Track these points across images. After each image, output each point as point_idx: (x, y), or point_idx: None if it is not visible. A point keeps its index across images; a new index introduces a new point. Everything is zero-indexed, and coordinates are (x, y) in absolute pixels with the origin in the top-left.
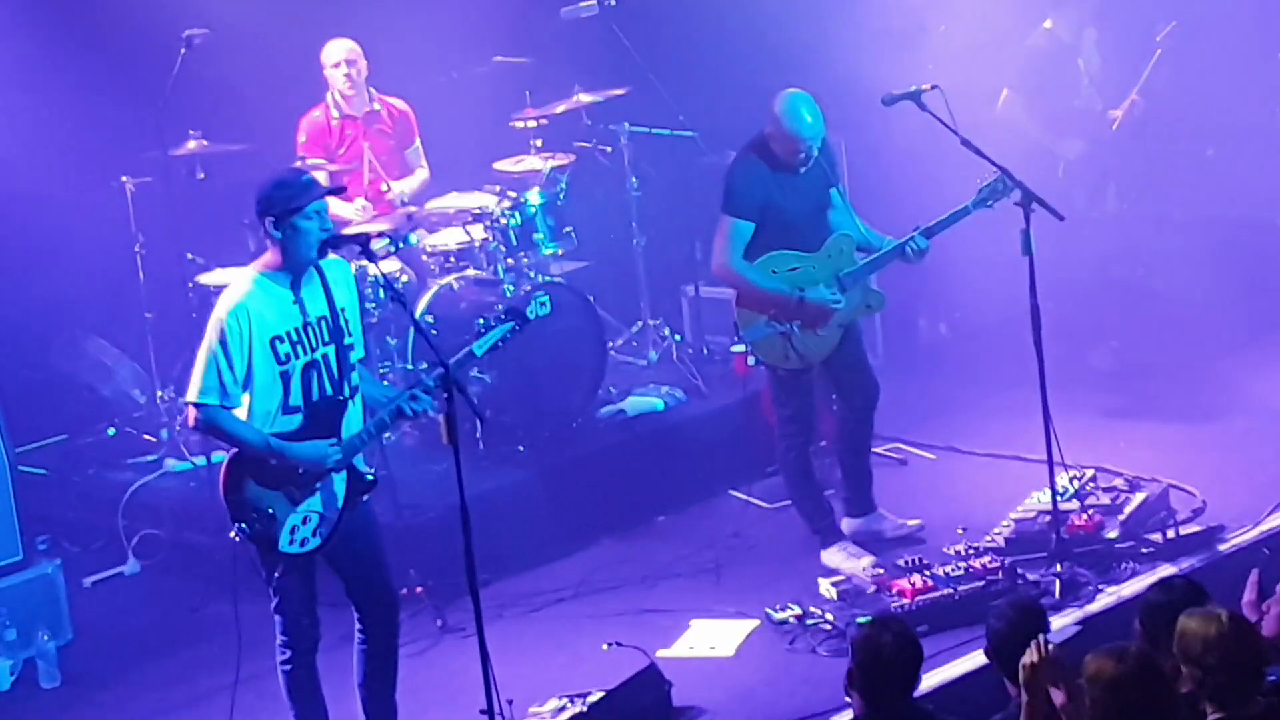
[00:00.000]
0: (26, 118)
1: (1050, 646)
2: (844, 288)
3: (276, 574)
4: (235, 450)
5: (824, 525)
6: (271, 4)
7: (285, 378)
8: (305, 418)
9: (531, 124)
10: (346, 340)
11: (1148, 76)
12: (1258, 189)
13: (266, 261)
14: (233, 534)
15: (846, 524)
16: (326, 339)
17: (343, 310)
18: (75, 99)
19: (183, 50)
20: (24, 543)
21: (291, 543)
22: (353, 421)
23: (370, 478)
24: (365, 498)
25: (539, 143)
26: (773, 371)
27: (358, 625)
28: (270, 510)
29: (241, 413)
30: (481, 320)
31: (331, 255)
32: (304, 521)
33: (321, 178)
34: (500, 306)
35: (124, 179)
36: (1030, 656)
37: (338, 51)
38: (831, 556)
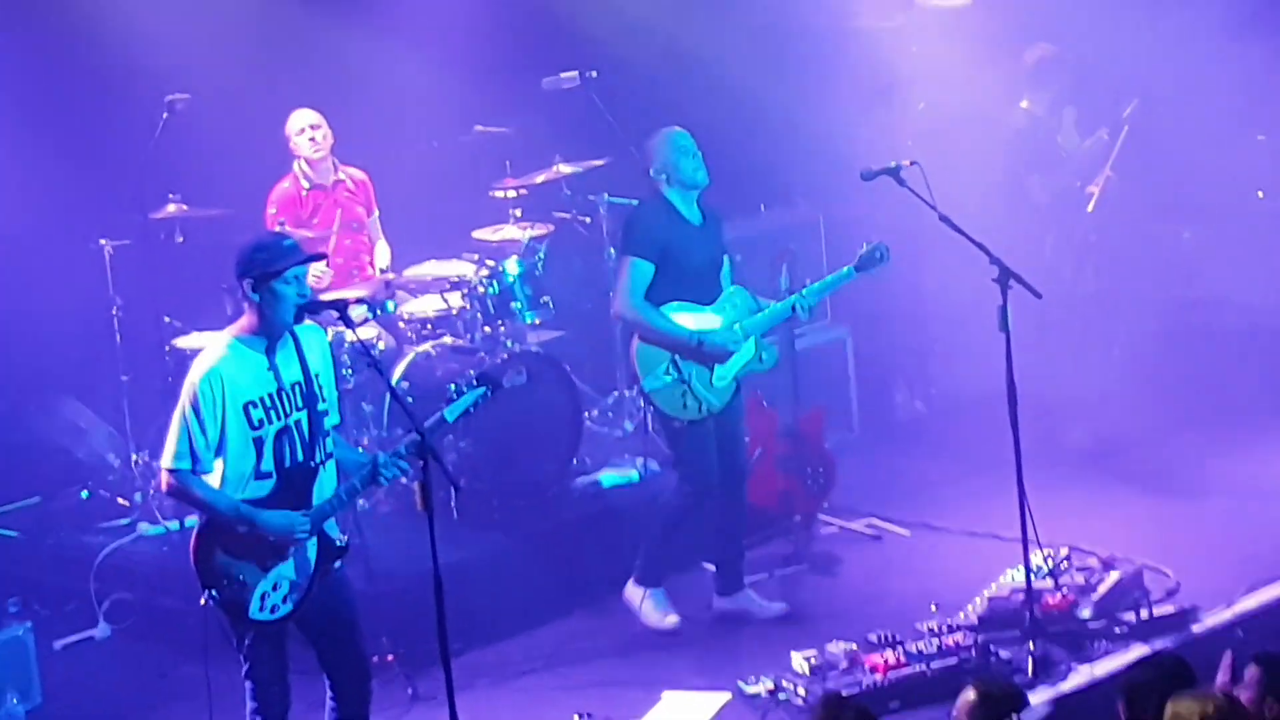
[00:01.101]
0: (6, 178)
1: None
2: (741, 337)
3: (247, 641)
4: (206, 517)
5: (652, 568)
6: (253, 71)
7: (258, 443)
8: (277, 483)
9: (511, 194)
10: (320, 406)
11: (1117, 154)
12: (1234, 271)
13: (242, 326)
14: (203, 600)
15: (716, 602)
16: (300, 405)
17: (317, 376)
18: (55, 161)
19: (164, 115)
20: None
21: (262, 609)
22: (325, 487)
23: (342, 544)
24: (337, 564)
25: (518, 212)
26: (668, 425)
27: (329, 693)
28: (240, 577)
29: (215, 478)
30: (454, 386)
31: (307, 321)
32: (274, 588)
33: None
34: (472, 372)
35: (103, 241)
36: None
37: (301, 119)
38: (635, 593)
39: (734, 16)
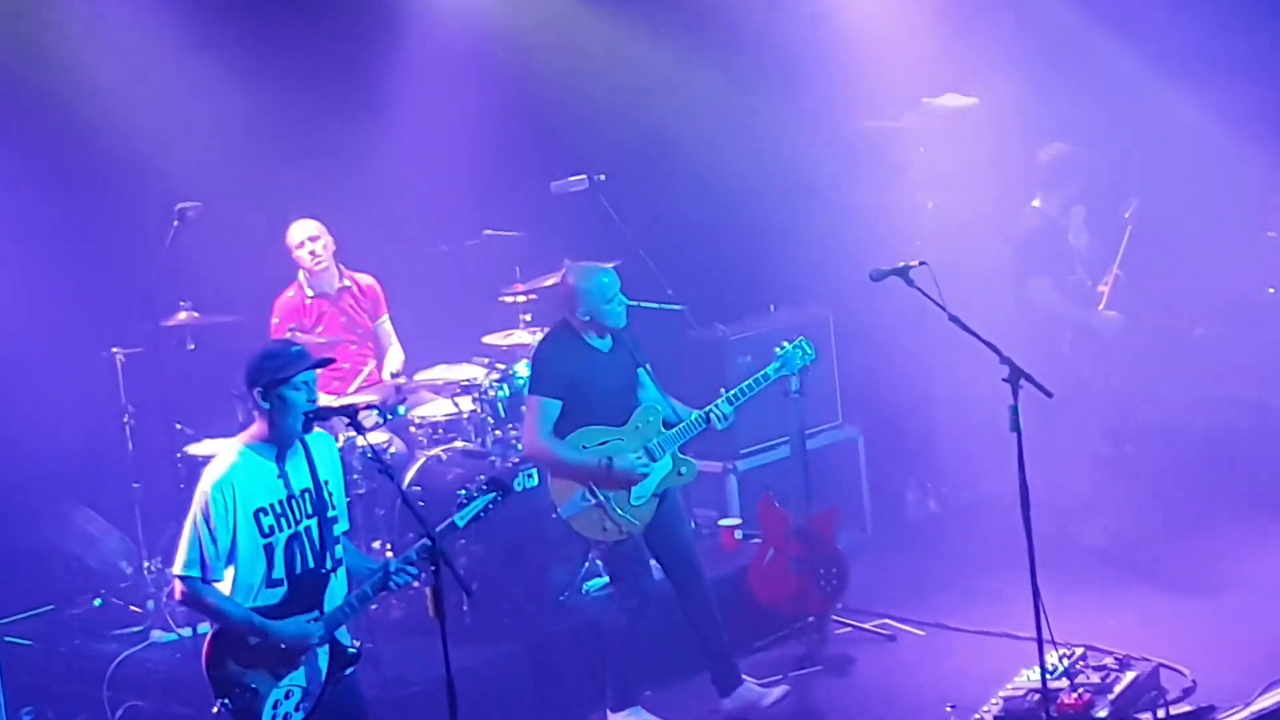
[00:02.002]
0: (17, 287)
1: None
2: (653, 457)
3: None
4: (218, 625)
5: (620, 689)
6: (263, 177)
7: (269, 550)
8: (288, 591)
9: (521, 299)
10: (330, 513)
11: (1124, 252)
12: (1246, 367)
13: (253, 433)
14: (216, 709)
15: (722, 705)
16: (310, 512)
17: (326, 483)
18: (66, 269)
19: (175, 223)
20: (8, 714)
21: (275, 718)
22: (336, 594)
23: (354, 650)
24: (349, 670)
25: (528, 317)
26: (605, 551)
27: None
28: (253, 686)
29: (226, 585)
30: (463, 491)
31: (317, 428)
32: (287, 696)
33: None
34: (482, 477)
35: (114, 349)
36: None
37: (300, 232)
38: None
39: (741, 119)
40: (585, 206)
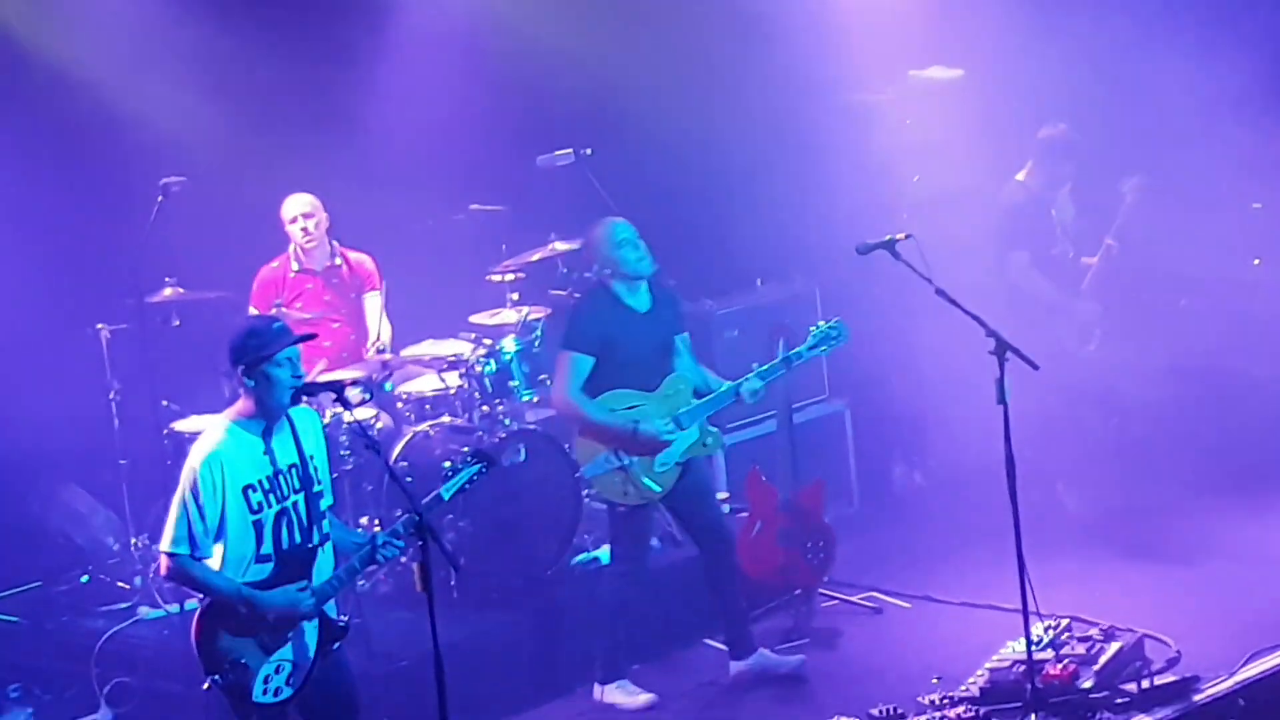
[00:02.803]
0: (2, 265)
1: None
2: (680, 425)
3: None
4: (207, 600)
5: (612, 664)
6: (248, 153)
7: (258, 526)
8: (276, 566)
9: (508, 277)
10: (316, 488)
11: (1122, 225)
12: (1231, 338)
13: (239, 410)
14: (205, 685)
15: (733, 667)
16: (297, 487)
17: (311, 458)
18: (50, 246)
19: (160, 198)
20: None
21: (265, 692)
22: (323, 568)
23: (342, 625)
24: (337, 645)
25: (515, 295)
26: (612, 509)
27: None
28: (243, 660)
29: (215, 562)
30: (448, 464)
31: (303, 403)
32: (277, 670)
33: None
34: (467, 449)
35: (100, 326)
36: None
37: (293, 207)
38: (610, 694)
39: (728, 92)
40: (571, 181)
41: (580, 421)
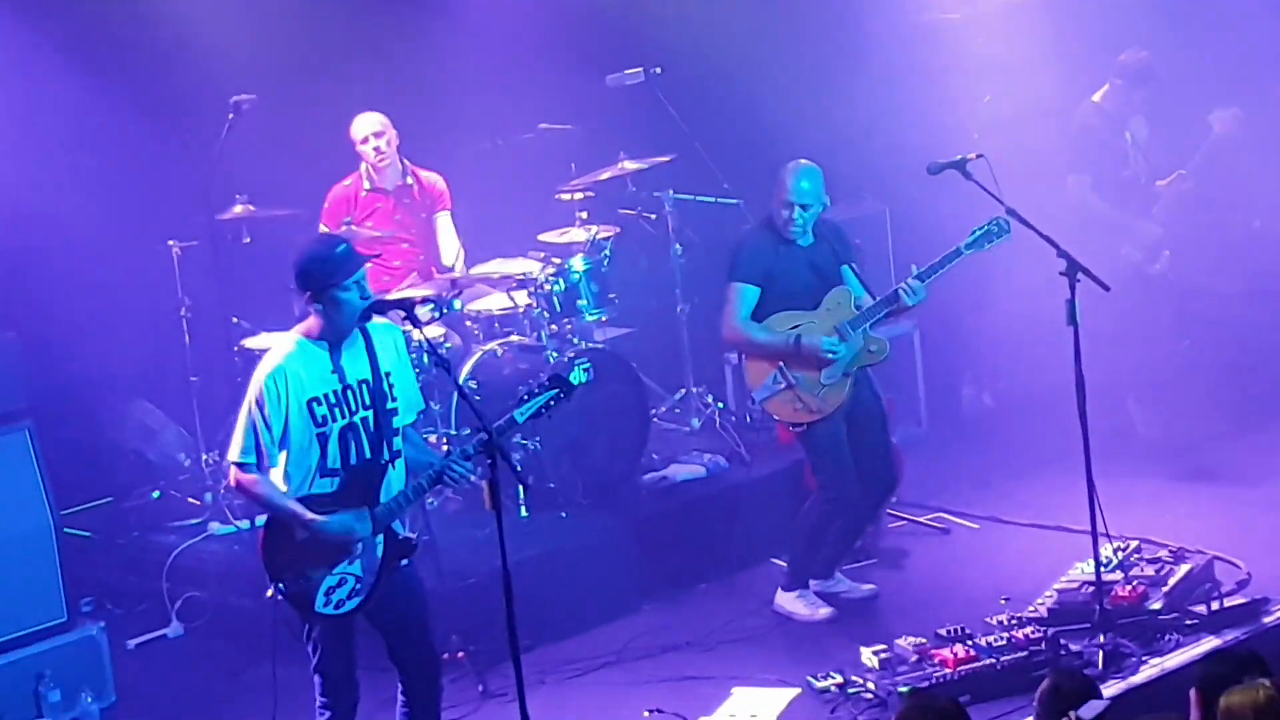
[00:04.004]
0: (74, 183)
1: None
2: (842, 337)
3: (314, 634)
4: (269, 514)
5: (798, 574)
6: (318, 70)
7: (323, 440)
8: (343, 481)
9: (577, 196)
10: (389, 405)
11: (1204, 157)
12: None
13: (308, 327)
14: (270, 593)
15: (812, 585)
16: (367, 403)
17: (387, 375)
18: (122, 163)
19: (231, 115)
20: (68, 605)
21: (327, 604)
22: (393, 485)
23: (411, 541)
24: (405, 561)
25: (584, 214)
26: (800, 434)
27: (400, 689)
28: (306, 572)
29: (278, 473)
30: (524, 387)
31: (385, 319)
32: (339, 584)
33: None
34: (544, 375)
35: (170, 243)
36: None
37: (364, 126)
38: (785, 598)
39: (797, 12)
40: (641, 100)
41: (747, 345)
